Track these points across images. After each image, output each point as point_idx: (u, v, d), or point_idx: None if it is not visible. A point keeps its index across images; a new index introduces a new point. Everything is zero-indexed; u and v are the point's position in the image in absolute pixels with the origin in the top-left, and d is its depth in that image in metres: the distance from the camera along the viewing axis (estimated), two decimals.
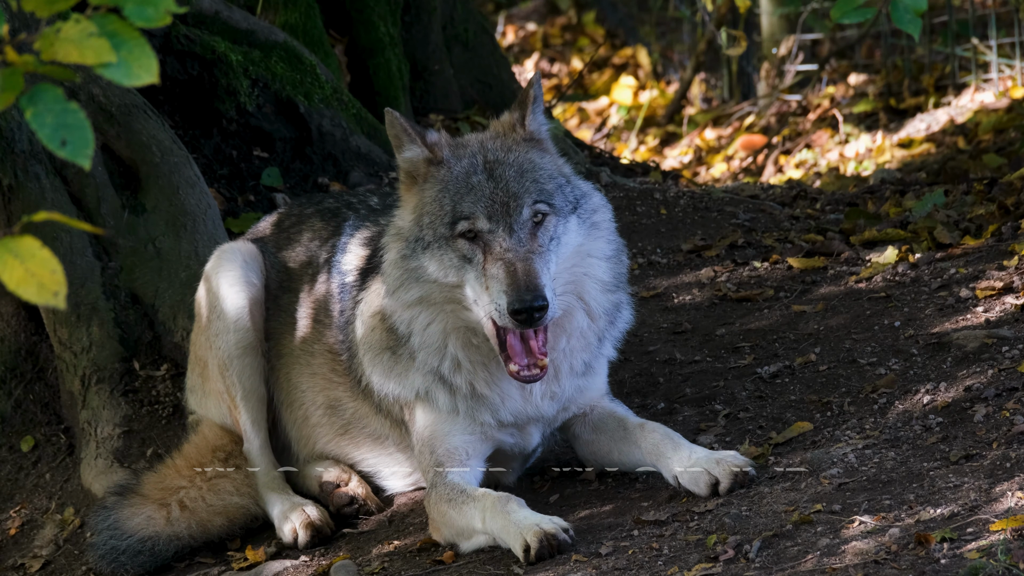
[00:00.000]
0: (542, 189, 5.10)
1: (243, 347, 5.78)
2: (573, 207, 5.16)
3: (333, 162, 7.58)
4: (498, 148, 5.18)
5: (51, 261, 3.30)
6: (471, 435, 5.33)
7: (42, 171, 6.49)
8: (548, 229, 5.08)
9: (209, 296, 5.83)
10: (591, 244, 5.21)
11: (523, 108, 5.23)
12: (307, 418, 5.81)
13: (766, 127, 11.75)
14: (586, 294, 5.24)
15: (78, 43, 3.23)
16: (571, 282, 5.20)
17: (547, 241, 5.06)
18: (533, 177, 5.12)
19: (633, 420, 5.35)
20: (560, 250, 5.10)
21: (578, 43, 14.36)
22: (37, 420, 6.63)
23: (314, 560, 5.52)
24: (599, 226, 5.23)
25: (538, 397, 5.30)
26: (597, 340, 5.32)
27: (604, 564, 4.85)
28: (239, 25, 7.57)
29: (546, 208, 5.08)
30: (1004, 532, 4.41)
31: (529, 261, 4.97)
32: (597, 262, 5.23)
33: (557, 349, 5.24)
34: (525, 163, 5.14)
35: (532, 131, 5.23)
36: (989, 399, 5.30)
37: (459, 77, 8.58)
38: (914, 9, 5.59)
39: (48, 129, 3.29)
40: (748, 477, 5.09)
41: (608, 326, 5.34)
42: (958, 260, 6.46)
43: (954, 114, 10.66)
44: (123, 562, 5.81)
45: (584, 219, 5.19)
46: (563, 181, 5.18)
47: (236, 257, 5.83)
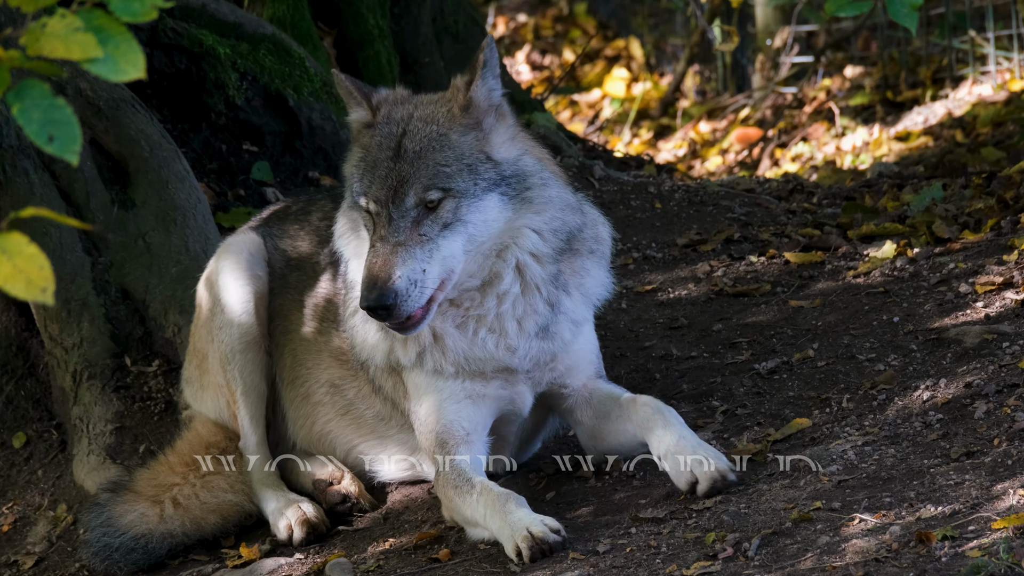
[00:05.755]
0: (438, 172, 5.11)
1: (246, 342, 5.78)
2: (493, 184, 5.16)
3: (323, 156, 7.57)
4: (420, 120, 5.20)
5: (39, 257, 3.29)
6: (458, 403, 5.35)
7: (31, 166, 6.47)
8: (442, 215, 5.09)
9: (213, 289, 5.83)
10: (523, 218, 5.24)
11: (472, 73, 5.22)
12: (308, 396, 5.80)
13: (761, 120, 11.73)
14: (514, 262, 5.29)
15: (64, 38, 3.22)
16: (498, 252, 5.24)
17: (437, 228, 5.09)
18: (434, 160, 5.13)
19: (626, 396, 5.38)
20: (469, 229, 5.13)
21: (570, 34, 14.34)
22: (29, 416, 6.63)
23: (309, 558, 5.50)
24: (532, 201, 5.24)
25: (489, 345, 5.32)
26: (547, 307, 5.34)
27: (602, 562, 4.83)
28: (226, 18, 7.56)
29: (438, 194, 5.10)
30: (1006, 530, 4.41)
31: (393, 254, 5.03)
32: (530, 233, 5.26)
33: (487, 306, 5.29)
34: (433, 143, 5.16)
35: (474, 99, 5.21)
36: (990, 395, 5.28)
37: (449, 69, 8.56)
38: (910, 3, 5.58)
39: (35, 125, 3.28)
40: (727, 483, 5.07)
41: (560, 293, 5.36)
42: (957, 255, 6.43)
43: (952, 107, 10.64)
44: (116, 559, 5.79)
45: (512, 196, 5.20)
46: (479, 159, 5.18)
47: (242, 250, 5.85)
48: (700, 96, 12.63)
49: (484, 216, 5.15)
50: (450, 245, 5.10)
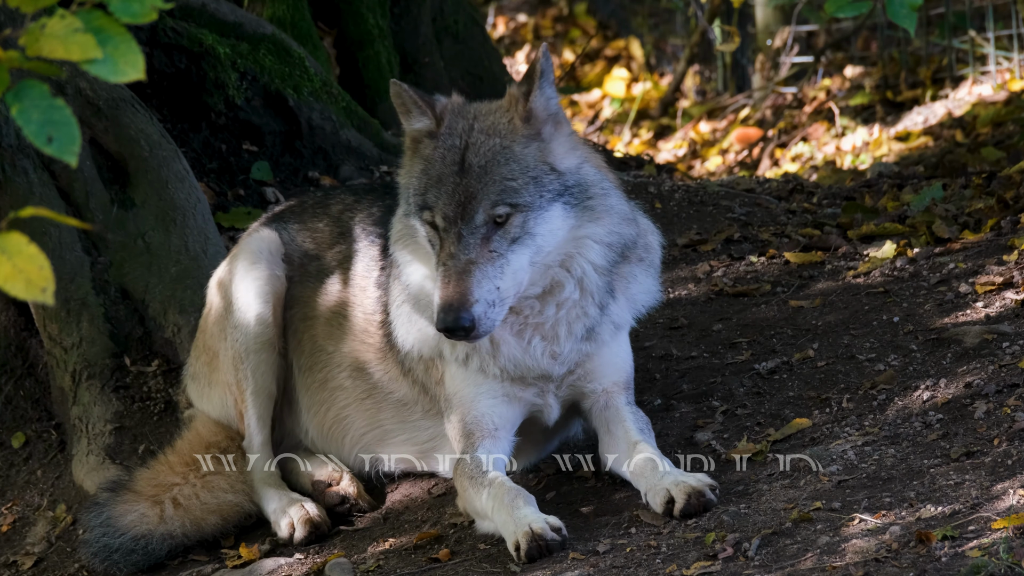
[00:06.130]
0: (505, 188, 5.09)
1: (261, 343, 5.78)
2: (557, 194, 5.16)
3: (323, 156, 7.57)
4: (482, 131, 5.17)
5: (39, 257, 3.29)
6: (494, 398, 5.37)
7: (30, 166, 6.47)
8: (510, 230, 5.09)
9: (230, 287, 5.82)
10: (585, 228, 5.24)
11: (529, 83, 5.19)
12: (327, 381, 5.79)
13: (761, 120, 11.72)
14: (579, 272, 5.29)
15: (63, 39, 3.22)
16: (562, 261, 5.25)
17: (506, 244, 5.09)
18: (500, 174, 5.11)
19: (634, 436, 5.35)
20: (537, 241, 5.13)
21: (570, 34, 14.33)
22: (28, 416, 6.62)
23: (308, 558, 5.49)
24: (594, 209, 5.24)
25: (538, 352, 5.34)
26: (598, 310, 5.36)
27: (602, 562, 4.83)
28: (226, 18, 7.55)
29: (507, 209, 5.09)
30: (1006, 530, 4.41)
31: (467, 273, 5.02)
32: (592, 244, 5.27)
33: (546, 315, 5.30)
34: (498, 156, 5.13)
35: (534, 109, 5.19)
36: (990, 395, 5.28)
37: (450, 69, 8.56)
38: (909, 3, 5.58)
39: (34, 126, 3.28)
40: (703, 500, 5.01)
41: (609, 299, 5.38)
42: (957, 255, 6.43)
43: (952, 107, 10.64)
44: (116, 560, 5.78)
45: (574, 204, 5.20)
46: (543, 171, 5.16)
47: (261, 249, 5.84)
48: (700, 96, 12.62)
49: (550, 227, 5.15)
50: (519, 259, 5.11)
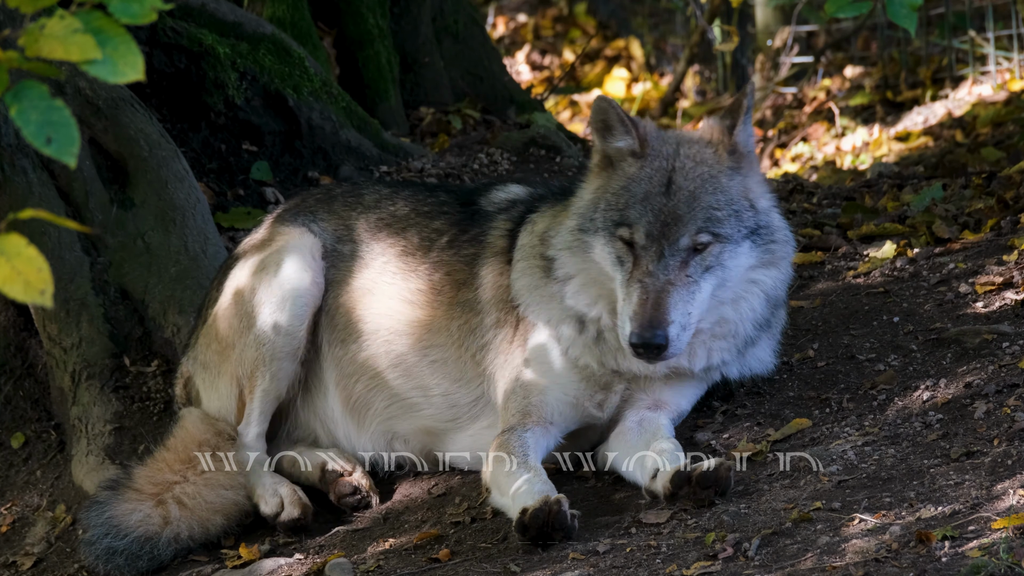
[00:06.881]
0: (711, 216, 5.18)
1: (286, 352, 5.81)
2: (750, 232, 5.25)
3: (323, 156, 7.57)
4: (689, 158, 5.25)
5: (37, 259, 3.28)
6: (565, 395, 5.42)
7: (29, 166, 6.46)
8: (707, 258, 5.18)
9: (267, 287, 5.81)
10: (759, 272, 5.34)
11: (734, 117, 5.29)
12: (362, 350, 5.79)
13: (761, 120, 11.71)
14: (747, 314, 5.37)
15: (63, 39, 3.22)
16: (733, 299, 5.33)
17: (700, 270, 5.17)
18: (707, 202, 5.20)
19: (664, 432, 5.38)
20: (724, 274, 5.22)
21: (569, 35, 14.32)
22: (27, 416, 6.62)
23: (308, 558, 5.49)
24: (774, 254, 5.33)
25: (638, 365, 5.38)
26: (730, 356, 5.44)
27: (602, 562, 4.83)
28: (226, 17, 7.55)
29: (709, 238, 5.18)
30: (1006, 530, 4.41)
31: (665, 293, 5.10)
32: (758, 293, 5.37)
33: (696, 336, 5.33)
34: (707, 184, 5.22)
35: (737, 143, 5.28)
36: (989, 396, 5.28)
37: (449, 69, 8.55)
38: (909, 3, 5.58)
39: (33, 126, 3.28)
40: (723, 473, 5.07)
41: (747, 346, 5.46)
42: (957, 255, 6.42)
43: (952, 107, 10.63)
44: (120, 564, 5.70)
45: (759, 244, 5.29)
46: (744, 206, 5.24)
47: (304, 253, 5.85)
48: (700, 96, 12.62)
49: (738, 262, 5.24)
50: (707, 288, 5.19)
